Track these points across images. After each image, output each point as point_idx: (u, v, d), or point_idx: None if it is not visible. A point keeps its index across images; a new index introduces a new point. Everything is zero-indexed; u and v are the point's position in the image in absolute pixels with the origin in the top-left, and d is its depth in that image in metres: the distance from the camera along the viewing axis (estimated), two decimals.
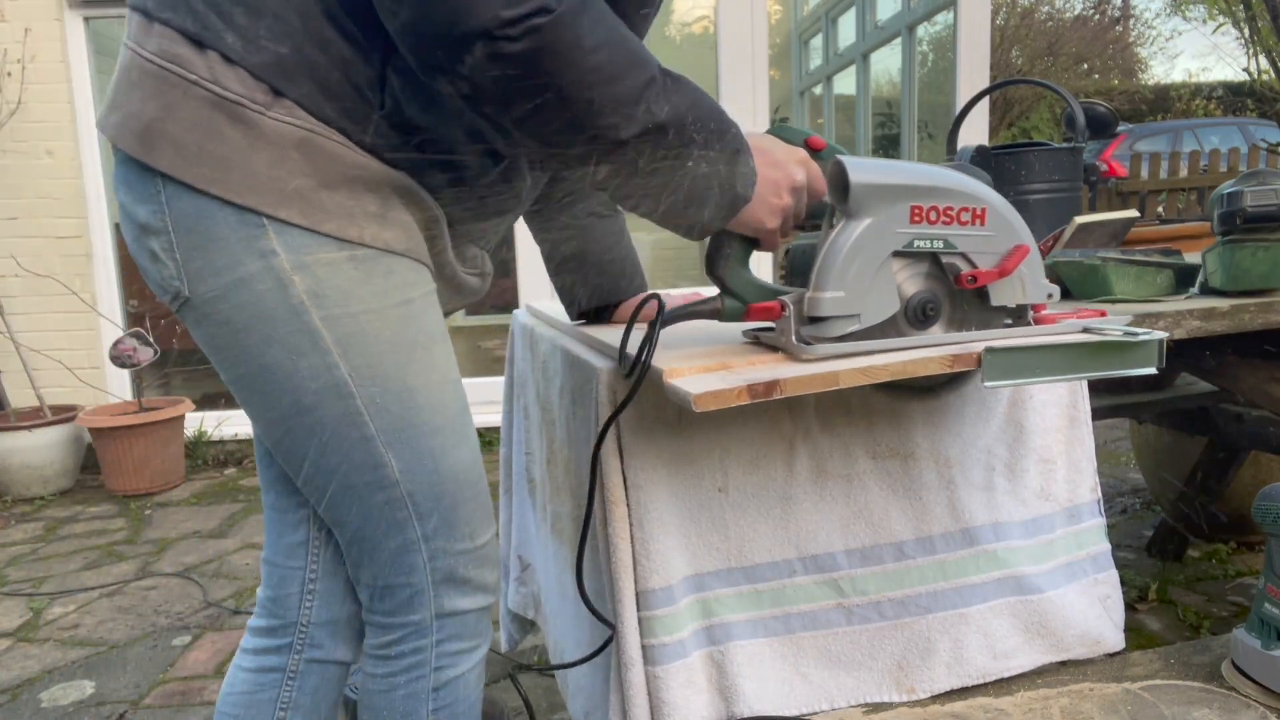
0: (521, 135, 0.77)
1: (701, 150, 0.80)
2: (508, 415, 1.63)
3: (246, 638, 1.05)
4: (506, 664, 1.86)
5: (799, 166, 0.90)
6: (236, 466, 3.80)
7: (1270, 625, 1.11)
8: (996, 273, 0.90)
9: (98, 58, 3.85)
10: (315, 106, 0.78)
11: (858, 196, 0.84)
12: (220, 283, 0.81)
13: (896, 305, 0.88)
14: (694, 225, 0.86)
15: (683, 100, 0.78)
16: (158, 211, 0.80)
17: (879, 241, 0.86)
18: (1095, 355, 0.89)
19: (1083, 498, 1.16)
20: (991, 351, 0.85)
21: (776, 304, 0.88)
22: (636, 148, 0.77)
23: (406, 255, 0.87)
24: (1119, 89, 15.49)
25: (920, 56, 5.47)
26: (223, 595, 2.42)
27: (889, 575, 1.05)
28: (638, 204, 0.84)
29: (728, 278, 0.92)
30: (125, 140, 0.80)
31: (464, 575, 0.95)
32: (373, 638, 0.98)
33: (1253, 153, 7.06)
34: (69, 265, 3.74)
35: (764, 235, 0.89)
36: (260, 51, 0.77)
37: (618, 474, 0.96)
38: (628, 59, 0.75)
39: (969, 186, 0.89)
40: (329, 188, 0.80)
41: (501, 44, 0.69)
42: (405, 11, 0.71)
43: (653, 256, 7.60)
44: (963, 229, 0.88)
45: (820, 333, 0.86)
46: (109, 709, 1.85)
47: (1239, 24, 6.46)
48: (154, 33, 0.79)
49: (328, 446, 0.87)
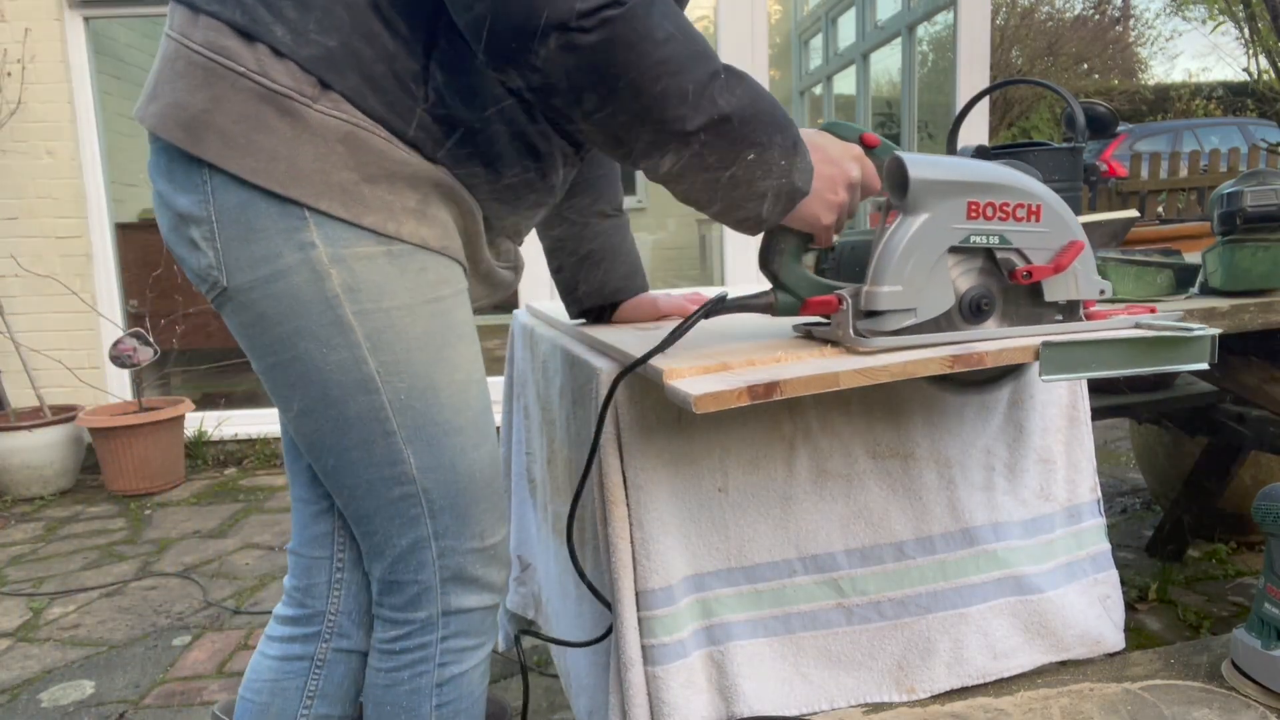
0: (589, 127, 0.78)
1: (762, 143, 0.81)
2: (508, 415, 1.63)
3: (272, 626, 1.06)
4: (508, 663, 1.86)
5: (854, 163, 0.91)
6: (236, 466, 3.80)
7: (1270, 625, 1.11)
8: (1052, 268, 0.91)
9: (98, 58, 3.85)
10: (360, 100, 0.79)
11: (916, 192, 0.86)
12: (258, 273, 0.82)
13: (952, 300, 0.90)
14: (753, 219, 0.87)
15: (745, 93, 0.80)
16: (202, 201, 0.81)
17: (936, 237, 0.87)
18: (1149, 350, 0.90)
19: (1082, 498, 1.16)
20: (1049, 346, 0.86)
21: (834, 298, 0.90)
22: (701, 139, 0.78)
23: (442, 253, 0.87)
24: (1119, 89, 15.49)
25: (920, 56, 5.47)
26: (223, 595, 2.42)
27: (889, 575, 1.05)
28: (698, 197, 0.85)
29: (782, 273, 0.93)
30: (169, 130, 0.80)
31: (472, 574, 0.96)
32: (380, 631, 0.98)
33: (1253, 153, 7.06)
34: (69, 265, 3.74)
35: (819, 230, 0.91)
36: (309, 44, 0.78)
37: (618, 474, 0.96)
38: (694, 51, 0.76)
39: (1024, 183, 0.90)
40: (371, 182, 0.81)
41: (575, 35, 0.71)
42: (481, 5, 0.72)
43: (653, 257, 7.61)
44: (1018, 225, 0.90)
45: (876, 326, 0.88)
46: (109, 709, 1.85)
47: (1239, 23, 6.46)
48: (200, 24, 0.79)
49: (350, 440, 0.88)
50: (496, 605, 1.00)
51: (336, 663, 1.04)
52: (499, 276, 1.01)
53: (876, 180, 0.93)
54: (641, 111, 0.75)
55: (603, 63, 0.72)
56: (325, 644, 1.03)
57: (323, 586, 1.03)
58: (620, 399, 0.95)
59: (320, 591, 1.03)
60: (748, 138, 0.80)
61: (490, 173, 0.88)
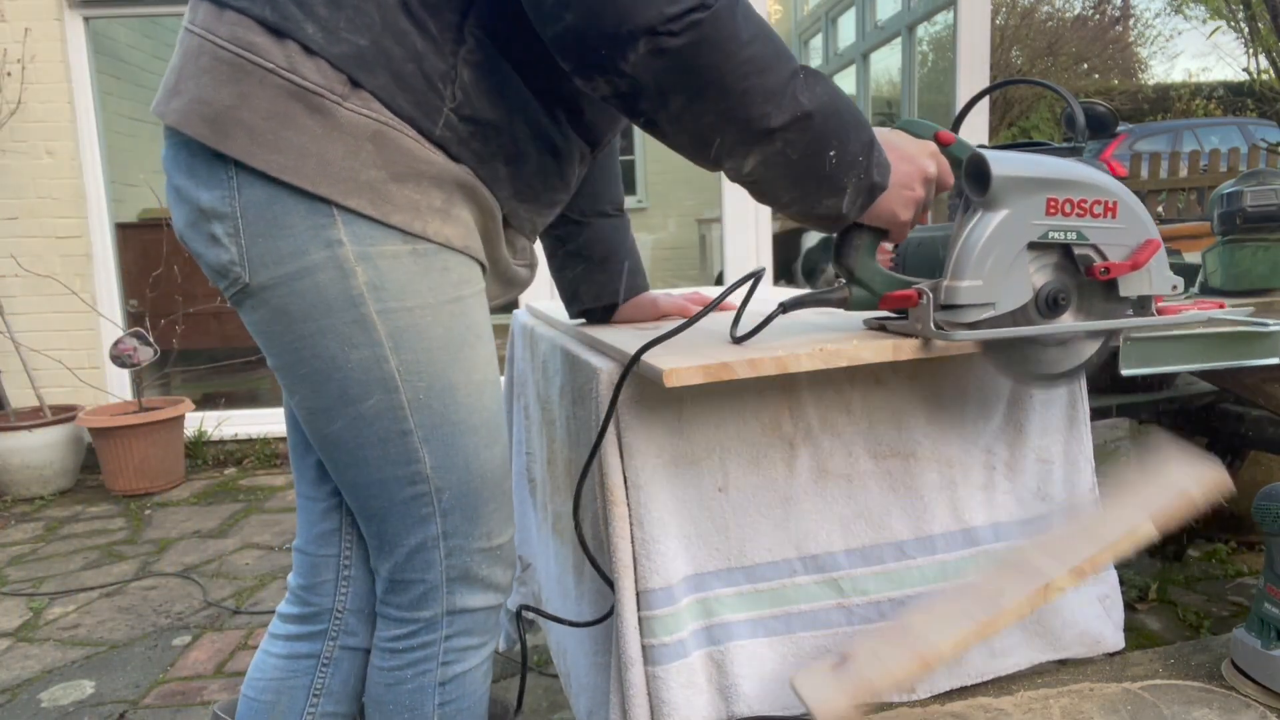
0: (674, 129, 0.80)
1: (841, 140, 0.83)
2: (508, 415, 1.63)
3: (276, 624, 1.06)
4: (508, 663, 1.86)
5: (930, 159, 0.93)
6: (236, 466, 3.80)
7: (1270, 625, 1.11)
8: (1129, 265, 0.93)
9: (98, 58, 3.85)
10: (389, 98, 0.80)
11: (997, 189, 0.88)
12: (283, 270, 0.82)
13: (1029, 294, 0.91)
14: (832, 215, 0.89)
15: (824, 91, 0.82)
16: (226, 197, 0.81)
17: (1015, 232, 0.89)
18: (1225, 345, 0.92)
19: (1081, 498, 1.16)
20: (1131, 340, 0.88)
21: (914, 292, 0.91)
22: (785, 136, 0.80)
23: (464, 252, 0.88)
24: (1119, 89, 15.49)
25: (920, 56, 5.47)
26: (223, 595, 2.42)
27: (889, 575, 1.05)
28: (779, 195, 0.87)
29: (857, 269, 0.95)
30: (193, 125, 0.80)
31: (478, 574, 0.96)
32: (384, 630, 0.98)
33: (1253, 153, 7.05)
34: (69, 265, 3.74)
35: (896, 226, 0.93)
36: (340, 43, 0.78)
37: (618, 473, 0.96)
38: (776, 51, 0.79)
39: (1101, 180, 0.92)
40: (398, 181, 0.81)
41: (664, 39, 0.73)
42: (571, 15, 0.74)
43: (653, 256, 7.61)
44: (1095, 221, 0.92)
45: (954, 320, 0.89)
46: (109, 709, 1.85)
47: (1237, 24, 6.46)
48: (226, 20, 0.79)
49: (366, 438, 0.88)
50: (501, 605, 1.00)
51: (343, 660, 1.03)
52: (515, 274, 1.01)
53: (950, 176, 0.95)
54: (727, 111, 0.78)
55: (690, 65, 0.75)
56: (332, 642, 1.03)
57: (329, 584, 1.03)
58: (621, 399, 0.95)
59: (327, 589, 1.03)
60: (828, 134, 0.82)
61: (512, 171, 0.89)
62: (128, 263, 4.03)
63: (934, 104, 5.14)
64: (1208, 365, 0.94)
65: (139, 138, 4.50)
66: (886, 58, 5.58)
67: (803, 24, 7.05)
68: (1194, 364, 0.93)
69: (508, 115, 0.86)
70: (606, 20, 0.72)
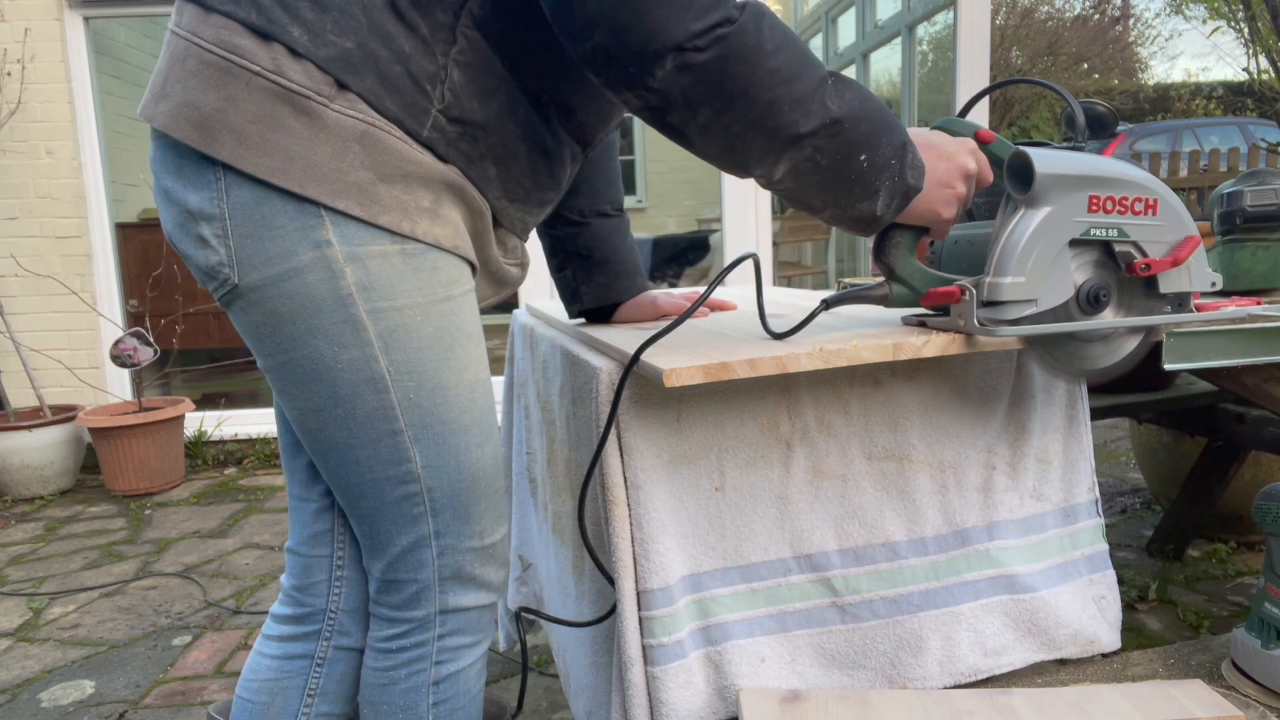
0: (704, 140, 0.81)
1: (872, 144, 0.84)
2: (507, 415, 1.63)
3: (270, 625, 1.06)
4: (507, 663, 1.86)
5: (969, 156, 0.94)
6: (236, 466, 3.80)
7: (1270, 625, 1.11)
8: (1170, 261, 0.93)
9: (98, 58, 3.85)
10: (376, 100, 0.80)
11: (1040, 186, 0.88)
12: (271, 271, 0.82)
13: (1070, 291, 0.92)
14: (867, 218, 0.89)
15: (854, 96, 0.83)
16: (214, 199, 0.81)
17: (1058, 230, 0.90)
18: (1264, 340, 0.93)
19: (1079, 498, 1.16)
20: (1173, 335, 0.89)
21: (956, 289, 0.92)
22: (814, 143, 0.81)
23: (453, 252, 0.88)
24: (1119, 89, 15.49)
25: (920, 56, 5.47)
26: (223, 595, 2.42)
27: (882, 575, 1.06)
28: (812, 201, 0.87)
29: (898, 266, 0.96)
30: (181, 129, 0.80)
31: (471, 573, 0.96)
32: (377, 630, 0.98)
33: (1253, 153, 7.05)
34: (69, 265, 3.74)
35: (938, 224, 0.94)
36: (326, 45, 0.78)
37: (619, 473, 0.96)
38: (802, 59, 0.80)
39: (1141, 177, 0.93)
40: (386, 181, 0.82)
41: (690, 54, 0.74)
42: (599, 35, 0.75)
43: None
44: (1136, 218, 0.93)
45: (997, 316, 0.90)
46: (109, 709, 1.85)
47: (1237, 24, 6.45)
48: (212, 23, 0.79)
49: (357, 438, 0.88)
50: (494, 604, 1.00)
51: (337, 661, 1.04)
52: (506, 274, 1.01)
53: (989, 172, 0.96)
54: (755, 120, 0.79)
55: (718, 78, 0.76)
56: (326, 642, 1.03)
57: (323, 584, 1.03)
58: (621, 398, 0.95)
59: (320, 589, 1.03)
60: (858, 139, 0.83)
61: (502, 171, 0.89)
62: (128, 263, 4.03)
63: (934, 104, 5.14)
64: (1246, 361, 0.96)
65: (139, 138, 4.51)
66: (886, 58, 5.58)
67: (803, 24, 7.05)
68: (1235, 359, 0.95)
69: (498, 116, 0.86)
70: (634, 39, 0.73)
